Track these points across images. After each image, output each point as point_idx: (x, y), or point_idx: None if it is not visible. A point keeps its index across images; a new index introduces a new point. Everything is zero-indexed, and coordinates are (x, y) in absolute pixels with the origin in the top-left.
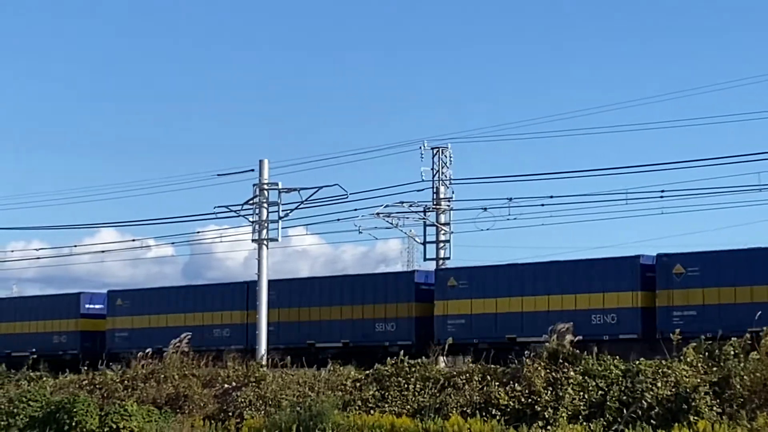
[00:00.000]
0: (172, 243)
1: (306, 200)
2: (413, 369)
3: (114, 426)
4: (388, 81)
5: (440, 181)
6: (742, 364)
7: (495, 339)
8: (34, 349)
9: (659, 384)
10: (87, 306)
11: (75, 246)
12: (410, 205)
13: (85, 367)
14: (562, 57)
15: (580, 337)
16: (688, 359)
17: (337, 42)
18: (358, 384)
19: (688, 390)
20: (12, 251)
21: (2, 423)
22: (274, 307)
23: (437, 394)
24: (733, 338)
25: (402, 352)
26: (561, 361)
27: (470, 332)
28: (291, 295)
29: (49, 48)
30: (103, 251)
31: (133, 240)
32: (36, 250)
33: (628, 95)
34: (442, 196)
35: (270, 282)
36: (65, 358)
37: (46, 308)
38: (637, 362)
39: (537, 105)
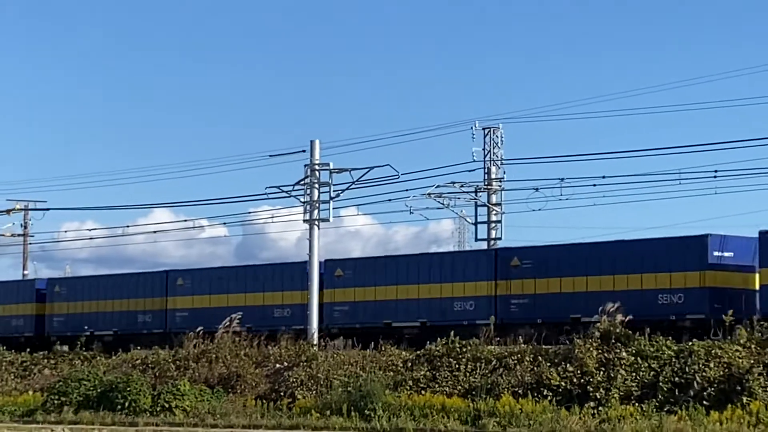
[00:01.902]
0: (224, 223)
1: (357, 180)
2: (464, 349)
3: (167, 405)
4: (439, 61)
5: (491, 161)
6: None
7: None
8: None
9: (712, 365)
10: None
11: (128, 226)
12: (461, 186)
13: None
14: (616, 36)
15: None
16: (741, 340)
17: (388, 21)
18: (409, 364)
19: (741, 371)
20: (66, 232)
21: (56, 402)
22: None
23: (488, 375)
24: None
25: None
26: (613, 341)
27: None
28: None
29: (99, 31)
30: (155, 231)
31: (185, 220)
32: (89, 230)
33: (680, 75)
34: (493, 176)
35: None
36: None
37: (270, 279)
38: (690, 343)
39: (589, 85)
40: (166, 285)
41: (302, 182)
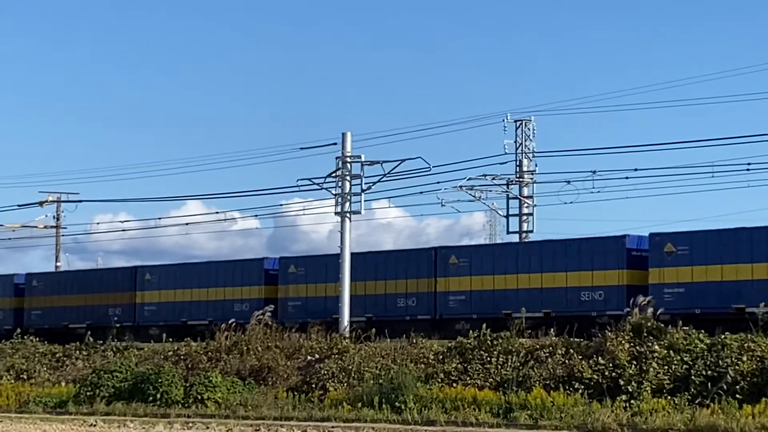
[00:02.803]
0: (256, 215)
1: (389, 173)
2: (496, 342)
3: (198, 397)
4: (471, 53)
5: (523, 154)
6: None
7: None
8: (212, 318)
9: (744, 358)
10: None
11: (160, 218)
12: (493, 178)
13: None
14: (647, 29)
15: None
16: None
17: (422, 14)
18: (440, 356)
19: None
20: (98, 224)
21: (88, 394)
22: (465, 274)
23: (520, 367)
24: None
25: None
26: (645, 334)
27: (691, 302)
28: (483, 263)
29: (132, 19)
30: (187, 223)
31: (217, 212)
32: (121, 222)
33: (713, 67)
34: (525, 168)
35: (460, 248)
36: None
37: (230, 274)
38: (722, 336)
39: (621, 77)
40: (135, 280)
41: (334, 174)
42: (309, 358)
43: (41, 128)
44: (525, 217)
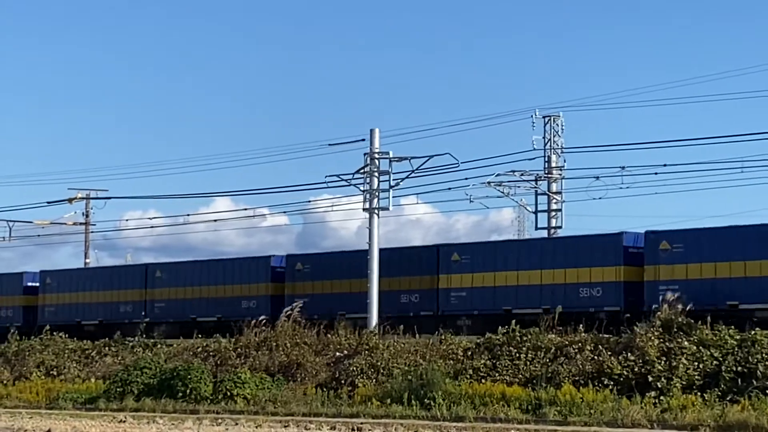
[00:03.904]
0: (284, 212)
1: (417, 169)
2: (525, 338)
3: (227, 393)
4: (499, 49)
5: (552, 150)
6: None
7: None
8: (220, 315)
9: None
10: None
11: (188, 215)
12: (522, 174)
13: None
14: (675, 24)
15: None
16: None
17: (449, 10)
18: (469, 353)
19: None
20: (127, 220)
21: (118, 390)
22: (467, 271)
23: (549, 364)
24: None
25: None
26: (675, 330)
27: (687, 298)
28: (485, 260)
29: (167, 28)
30: (216, 220)
31: (245, 209)
32: (150, 219)
33: (742, 62)
34: (553, 164)
35: (462, 245)
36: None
37: (237, 272)
38: (753, 332)
39: (649, 73)
40: (146, 278)
41: (362, 171)
42: (338, 354)
43: (70, 125)
44: (554, 213)
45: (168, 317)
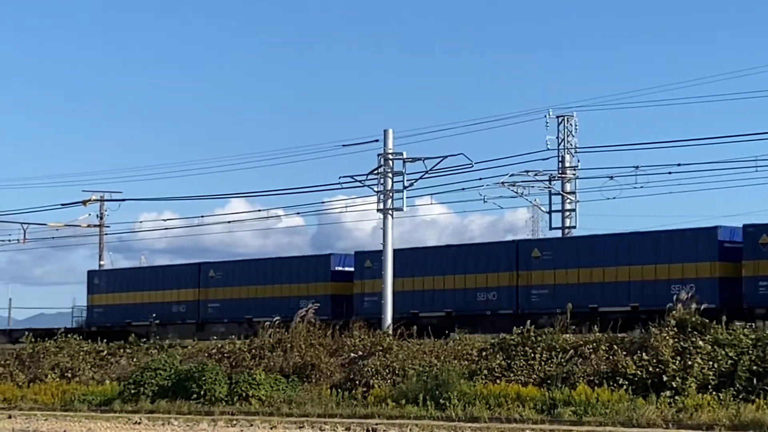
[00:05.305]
0: (298, 213)
1: (431, 170)
2: (540, 338)
3: (242, 394)
4: (513, 50)
5: (566, 150)
6: None
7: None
8: (278, 316)
9: None
10: (337, 268)
11: (203, 216)
12: (535, 174)
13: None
14: (688, 25)
15: None
16: None
17: (464, 12)
18: (484, 353)
19: None
20: (142, 222)
21: (132, 391)
22: (549, 268)
23: (564, 364)
24: None
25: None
26: (689, 329)
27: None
28: (568, 256)
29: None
30: (231, 222)
31: (259, 210)
32: (164, 220)
33: (755, 62)
34: (567, 164)
35: (542, 241)
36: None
37: (293, 271)
38: None
39: (663, 72)
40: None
41: (376, 171)
42: (352, 355)
43: (85, 128)
44: (568, 213)
45: (223, 317)
